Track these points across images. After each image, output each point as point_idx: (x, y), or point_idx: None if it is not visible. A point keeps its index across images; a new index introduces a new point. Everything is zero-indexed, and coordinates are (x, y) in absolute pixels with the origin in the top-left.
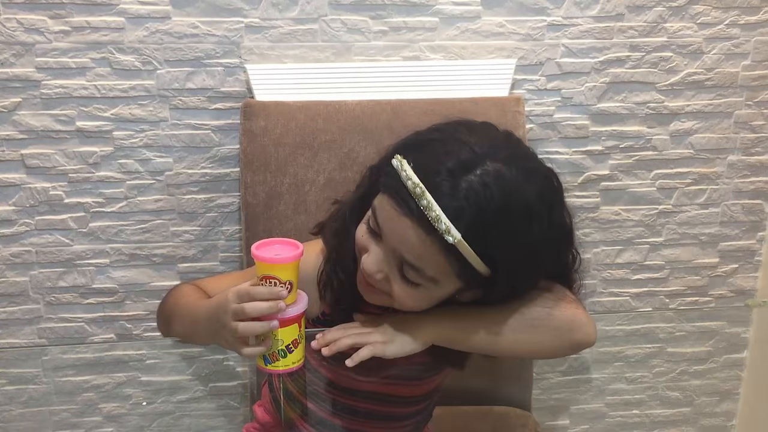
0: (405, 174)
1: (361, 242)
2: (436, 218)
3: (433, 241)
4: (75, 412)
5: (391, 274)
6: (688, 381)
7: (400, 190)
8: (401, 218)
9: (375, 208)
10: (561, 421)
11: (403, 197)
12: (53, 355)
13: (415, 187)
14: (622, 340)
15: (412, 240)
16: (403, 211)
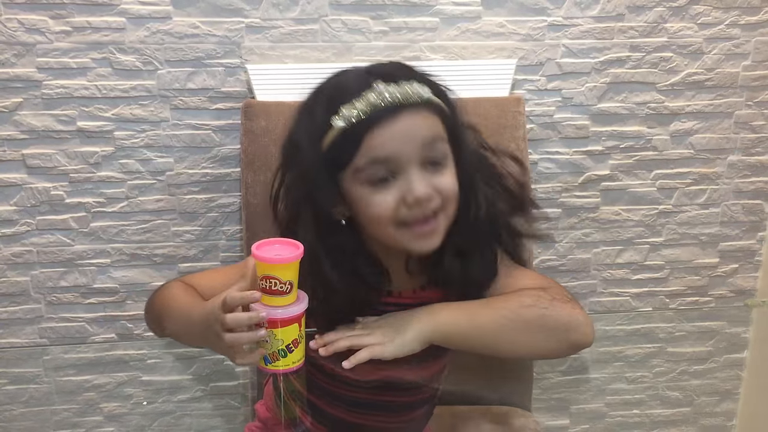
0: (357, 105)
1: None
2: (409, 91)
3: (422, 110)
4: (76, 412)
5: (432, 182)
6: (688, 381)
7: (366, 120)
8: (396, 123)
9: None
10: (561, 421)
11: (374, 116)
12: (54, 355)
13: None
14: (622, 340)
15: (417, 123)
16: (387, 117)
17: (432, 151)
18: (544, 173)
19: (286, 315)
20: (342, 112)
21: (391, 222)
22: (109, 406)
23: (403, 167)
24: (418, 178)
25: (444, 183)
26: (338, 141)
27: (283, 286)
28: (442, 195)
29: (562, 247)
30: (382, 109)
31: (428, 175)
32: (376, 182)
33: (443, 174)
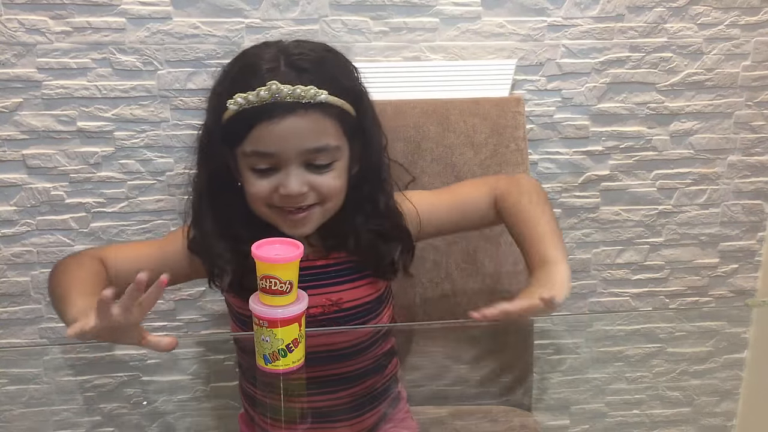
0: (249, 98)
1: (263, 191)
2: (301, 93)
3: (314, 112)
4: (76, 412)
5: (309, 179)
6: (688, 381)
7: (257, 112)
8: (282, 122)
9: (250, 149)
10: (561, 421)
11: (266, 110)
12: (54, 355)
13: (268, 93)
14: (622, 340)
15: (303, 126)
16: (277, 114)
17: (315, 153)
18: (544, 173)
19: (287, 315)
20: (236, 99)
21: (262, 203)
22: (109, 407)
23: (283, 163)
24: (295, 176)
25: (323, 183)
26: (232, 121)
27: (283, 286)
28: (319, 193)
29: None
30: (271, 105)
31: (308, 173)
32: (257, 169)
33: (325, 174)
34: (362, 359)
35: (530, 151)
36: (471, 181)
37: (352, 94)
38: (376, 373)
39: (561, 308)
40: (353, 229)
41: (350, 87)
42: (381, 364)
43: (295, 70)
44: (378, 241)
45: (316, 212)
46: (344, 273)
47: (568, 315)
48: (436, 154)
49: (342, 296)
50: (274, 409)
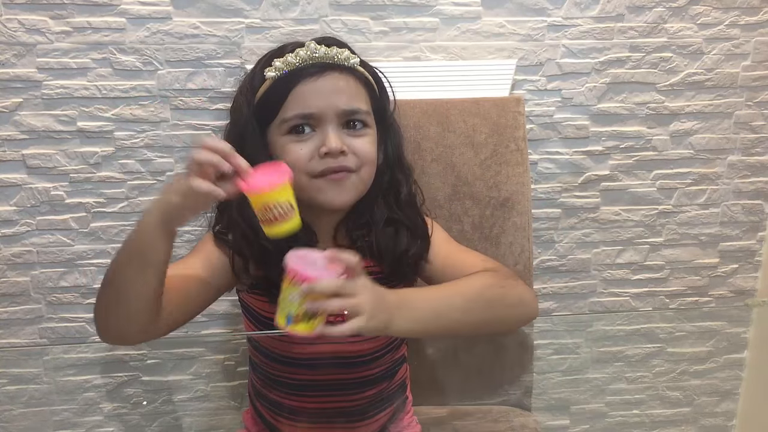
0: (288, 59)
1: (304, 155)
2: (339, 53)
3: (348, 75)
4: (76, 412)
5: (347, 140)
6: (688, 381)
7: (295, 74)
8: (321, 80)
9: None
10: (561, 421)
11: (305, 70)
12: (54, 355)
13: (307, 52)
14: (622, 340)
15: (341, 84)
16: (316, 72)
17: (352, 114)
18: (544, 173)
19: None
20: (275, 64)
21: (303, 171)
22: (109, 406)
23: (323, 123)
24: (334, 134)
25: (360, 145)
26: (269, 92)
27: (283, 209)
28: (357, 156)
29: (562, 247)
30: (310, 64)
31: (346, 135)
32: (297, 133)
33: (361, 138)
34: (375, 366)
35: (530, 151)
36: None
37: (374, 75)
38: (388, 379)
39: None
40: (376, 219)
41: (371, 69)
42: (393, 370)
43: (325, 43)
44: (397, 232)
45: (354, 179)
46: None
47: (568, 315)
48: (436, 154)
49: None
50: (284, 407)
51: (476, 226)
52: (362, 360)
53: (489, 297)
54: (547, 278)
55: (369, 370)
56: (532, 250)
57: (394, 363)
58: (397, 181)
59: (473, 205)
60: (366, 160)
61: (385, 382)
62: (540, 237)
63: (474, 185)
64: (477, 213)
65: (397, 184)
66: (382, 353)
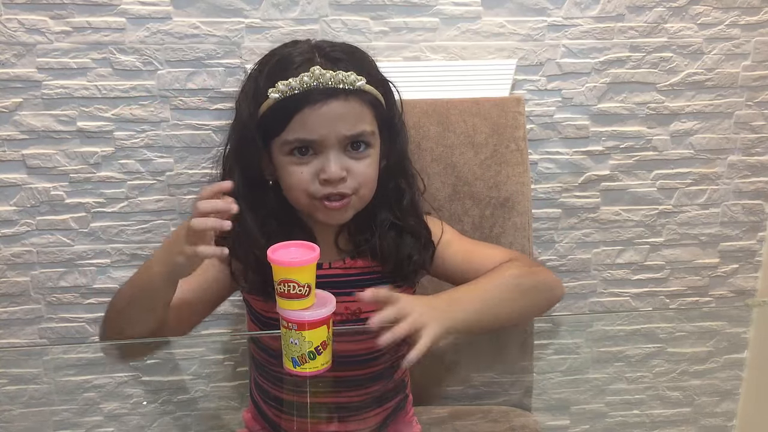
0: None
1: (304, 179)
2: (343, 78)
3: (353, 99)
4: (76, 412)
5: (348, 165)
6: (689, 381)
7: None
8: (324, 107)
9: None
10: (561, 421)
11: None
12: (54, 355)
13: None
14: (622, 340)
15: (344, 111)
16: (320, 99)
17: (354, 138)
18: (544, 173)
19: (315, 317)
20: (278, 86)
21: (304, 192)
22: (109, 406)
23: (324, 148)
24: (335, 160)
25: (360, 169)
26: (272, 111)
27: (301, 290)
28: (356, 179)
29: (562, 247)
30: (314, 90)
31: (347, 159)
32: (297, 155)
33: (362, 161)
34: (376, 364)
35: (530, 151)
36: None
37: (382, 85)
38: (388, 377)
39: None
40: (379, 223)
41: (380, 78)
42: (394, 367)
43: (331, 60)
44: (400, 236)
45: (353, 200)
46: (366, 283)
47: (568, 315)
48: (436, 154)
49: (361, 306)
50: (286, 404)
51: (476, 226)
52: (364, 359)
53: (524, 286)
54: None
55: (370, 367)
56: (532, 250)
57: (396, 361)
58: (400, 189)
59: (473, 205)
60: (365, 182)
61: (386, 379)
62: (540, 237)
63: (474, 185)
64: (477, 213)
65: (401, 191)
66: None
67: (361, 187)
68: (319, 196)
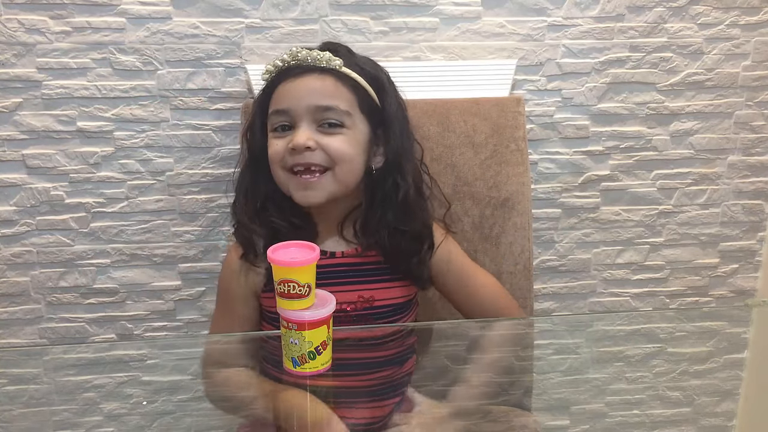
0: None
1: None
2: (318, 56)
3: (328, 76)
4: (76, 412)
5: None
6: (689, 381)
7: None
8: (297, 80)
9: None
10: (561, 421)
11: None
12: (54, 355)
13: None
14: (622, 340)
15: (316, 85)
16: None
17: (326, 113)
18: (544, 173)
19: (315, 317)
20: (267, 68)
21: (279, 165)
22: (109, 407)
23: (296, 121)
24: (303, 131)
25: (332, 144)
26: (261, 92)
27: (301, 290)
28: (328, 154)
29: (562, 247)
30: (292, 66)
31: (318, 133)
32: (277, 129)
33: (334, 136)
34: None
35: (530, 151)
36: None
37: (374, 79)
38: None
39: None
40: (385, 225)
41: (372, 73)
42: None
43: (319, 48)
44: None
45: (327, 179)
46: (379, 272)
47: (569, 315)
48: (436, 154)
49: (374, 294)
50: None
51: (476, 226)
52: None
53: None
54: (547, 278)
55: (379, 351)
56: (532, 250)
57: (404, 349)
58: (396, 186)
59: (473, 205)
60: (338, 158)
61: (394, 367)
62: (540, 237)
63: (474, 185)
64: (477, 213)
65: (396, 188)
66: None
67: (336, 164)
68: (289, 166)
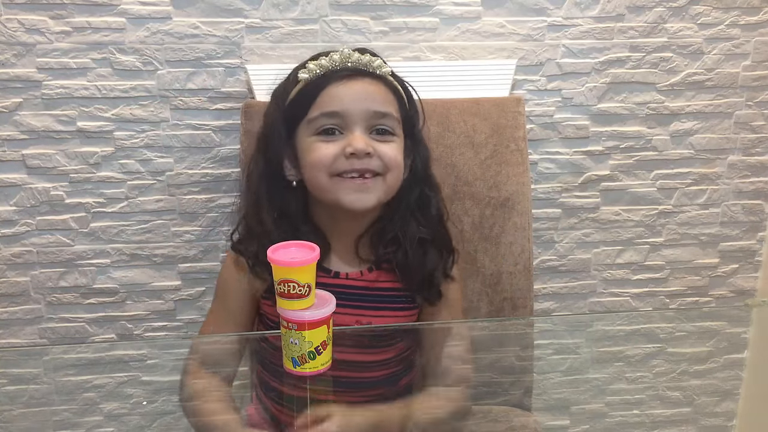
0: (322, 62)
1: (328, 155)
2: (372, 60)
3: (380, 82)
4: (76, 412)
5: (373, 144)
6: (688, 381)
7: (328, 75)
8: (351, 82)
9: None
10: (561, 421)
11: (337, 72)
12: (54, 355)
13: (341, 56)
14: (622, 340)
15: (371, 90)
16: (347, 76)
17: (381, 119)
18: (544, 173)
19: (315, 317)
20: (308, 66)
21: (326, 170)
22: (109, 406)
23: (350, 125)
24: (361, 136)
25: (387, 150)
26: (300, 92)
27: (301, 290)
28: (383, 160)
29: (562, 247)
30: (342, 69)
31: (372, 139)
32: (323, 133)
33: (388, 144)
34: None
35: (530, 151)
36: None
37: (405, 88)
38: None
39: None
40: (408, 236)
41: (403, 83)
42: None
43: (360, 51)
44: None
45: (379, 183)
46: (380, 299)
47: (569, 315)
48: (436, 154)
49: (372, 321)
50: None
51: (476, 226)
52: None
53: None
54: (547, 278)
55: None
56: (532, 250)
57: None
58: (426, 197)
59: (473, 205)
60: (392, 165)
61: (391, 385)
62: (540, 237)
63: (474, 185)
64: (477, 213)
65: (427, 200)
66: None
67: (388, 171)
68: (339, 171)
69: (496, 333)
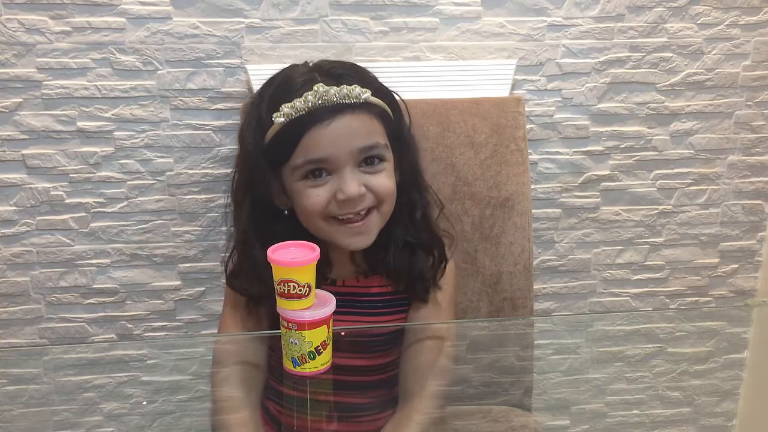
0: (297, 105)
1: (320, 201)
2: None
3: (361, 112)
4: (76, 412)
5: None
6: (689, 381)
7: (305, 119)
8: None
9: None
10: (561, 421)
11: (314, 115)
12: (54, 355)
13: (315, 96)
14: (622, 340)
15: (354, 125)
16: (326, 117)
17: (368, 152)
18: (544, 173)
19: (315, 317)
20: (283, 110)
21: (320, 216)
22: (109, 406)
23: (338, 167)
24: (351, 178)
25: (378, 183)
26: (278, 137)
27: (301, 290)
28: (375, 194)
29: (562, 247)
30: (320, 108)
31: (363, 174)
32: (311, 178)
33: (378, 174)
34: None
35: (530, 151)
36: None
37: (388, 96)
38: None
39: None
40: (393, 240)
41: (385, 90)
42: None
43: (333, 77)
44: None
45: (374, 218)
46: (376, 304)
47: (569, 315)
48: (436, 154)
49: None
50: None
51: (476, 226)
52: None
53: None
54: (547, 278)
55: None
56: (532, 250)
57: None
58: (412, 202)
59: (473, 205)
60: (386, 196)
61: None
62: (540, 237)
63: (474, 185)
64: (477, 213)
65: (413, 204)
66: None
67: (383, 203)
68: (334, 215)
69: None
